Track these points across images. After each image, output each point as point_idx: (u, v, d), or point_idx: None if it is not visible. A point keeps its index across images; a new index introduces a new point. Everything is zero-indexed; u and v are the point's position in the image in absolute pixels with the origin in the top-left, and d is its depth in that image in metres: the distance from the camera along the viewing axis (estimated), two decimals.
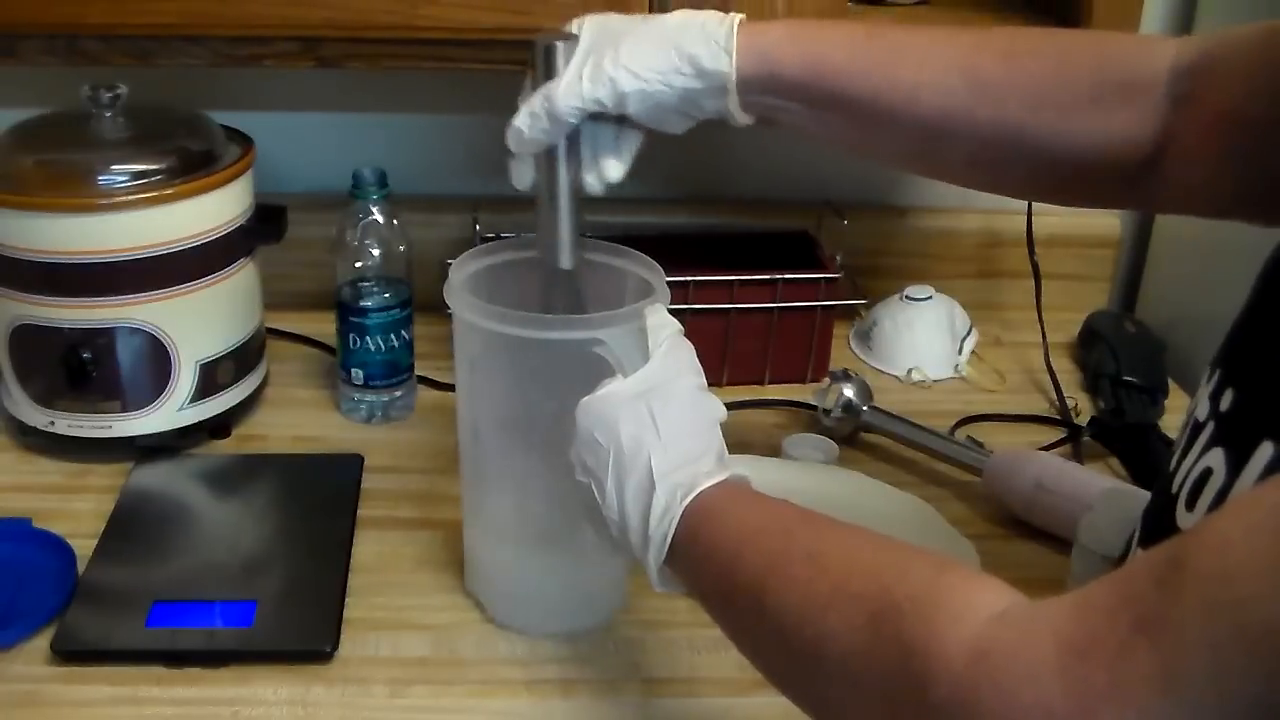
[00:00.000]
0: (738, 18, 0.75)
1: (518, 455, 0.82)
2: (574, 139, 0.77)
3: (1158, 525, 0.58)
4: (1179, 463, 0.57)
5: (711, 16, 0.75)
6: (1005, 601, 0.50)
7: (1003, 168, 0.76)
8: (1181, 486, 0.56)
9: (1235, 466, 0.52)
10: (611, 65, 0.74)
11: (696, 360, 0.72)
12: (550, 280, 0.80)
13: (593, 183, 0.79)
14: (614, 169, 0.78)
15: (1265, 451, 0.50)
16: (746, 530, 0.62)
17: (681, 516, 0.65)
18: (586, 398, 0.70)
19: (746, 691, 0.79)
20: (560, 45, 0.75)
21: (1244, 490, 0.46)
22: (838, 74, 0.74)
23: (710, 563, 0.63)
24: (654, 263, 0.83)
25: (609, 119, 0.77)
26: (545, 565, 0.84)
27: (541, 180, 0.79)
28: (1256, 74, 0.65)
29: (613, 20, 0.77)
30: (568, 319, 0.76)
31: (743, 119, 0.77)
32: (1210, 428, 0.55)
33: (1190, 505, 0.55)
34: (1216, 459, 0.54)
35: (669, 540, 0.65)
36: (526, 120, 0.75)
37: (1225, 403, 0.55)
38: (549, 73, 0.75)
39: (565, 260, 0.79)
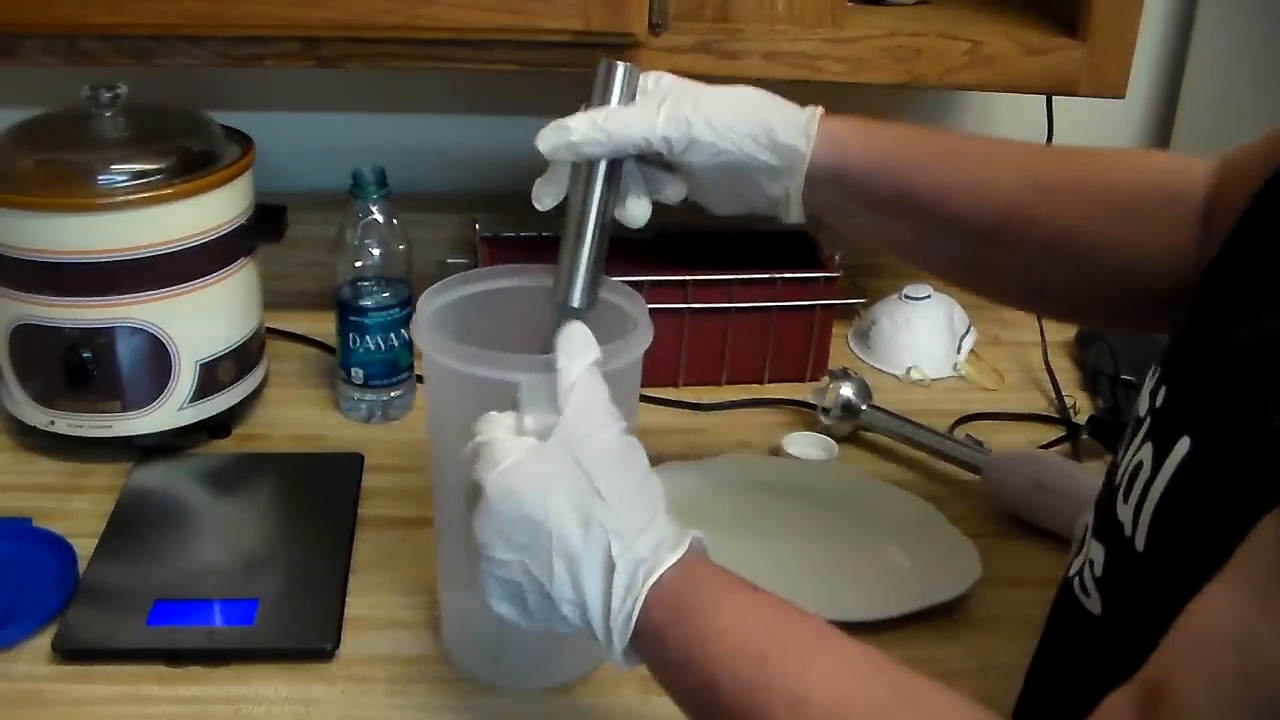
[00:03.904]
0: (819, 109, 0.75)
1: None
2: (615, 170, 0.74)
3: (1104, 516, 0.59)
4: (1121, 456, 0.59)
5: (792, 103, 0.76)
6: None
7: (1057, 279, 0.76)
8: (1120, 480, 0.57)
9: (1158, 460, 0.53)
10: (691, 111, 0.73)
11: (609, 398, 0.65)
12: (558, 318, 0.71)
13: (635, 212, 0.76)
14: (670, 197, 0.77)
15: (1182, 446, 0.52)
16: (720, 648, 0.58)
17: (645, 603, 0.60)
18: (498, 470, 0.62)
19: None
20: (625, 67, 0.73)
21: (1190, 636, 0.46)
22: (906, 167, 0.75)
23: (683, 676, 0.60)
24: (635, 293, 0.78)
25: (659, 163, 0.76)
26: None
27: (574, 204, 0.74)
28: (1260, 177, 0.64)
29: (690, 80, 0.76)
30: (487, 355, 0.70)
31: (796, 210, 0.76)
32: (1146, 423, 0.57)
33: (1125, 498, 0.56)
34: (1146, 453, 0.55)
35: (633, 623, 0.60)
36: (584, 127, 0.72)
37: (1159, 399, 0.56)
38: (605, 96, 0.74)
39: (577, 298, 0.72)
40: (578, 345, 0.66)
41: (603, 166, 0.73)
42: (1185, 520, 0.51)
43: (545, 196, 0.76)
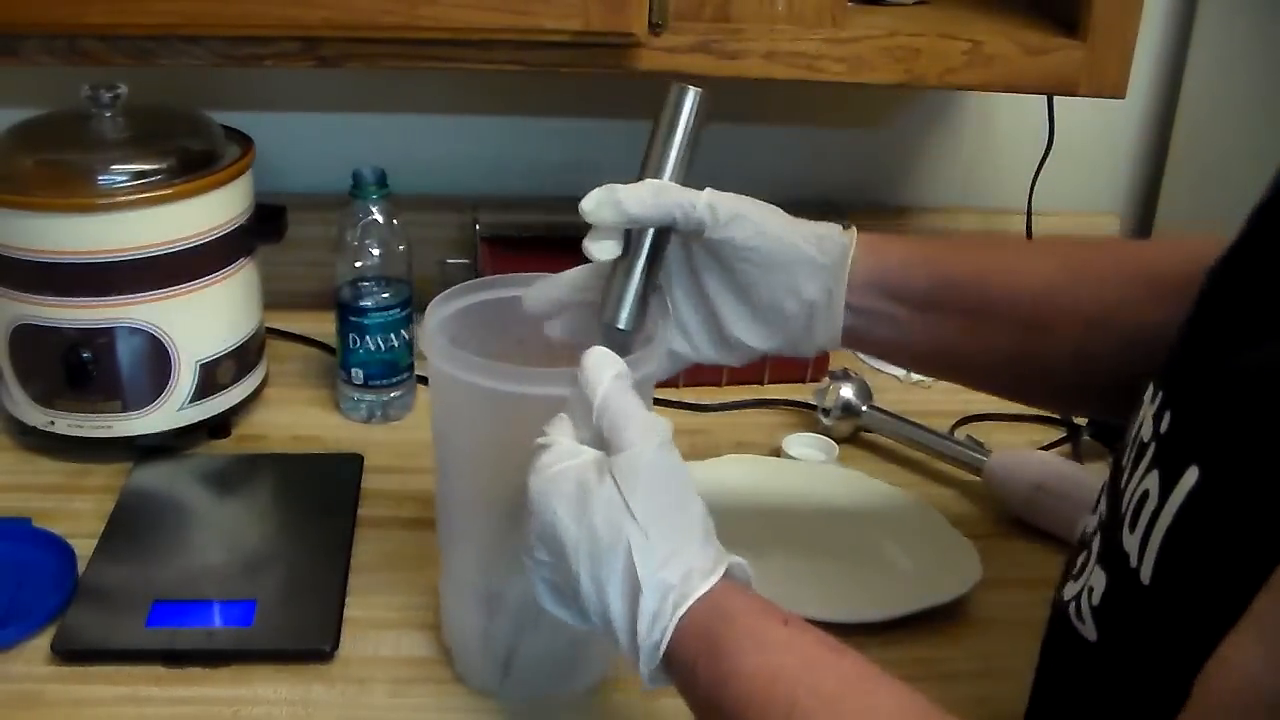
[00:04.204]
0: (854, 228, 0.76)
1: (482, 510, 0.76)
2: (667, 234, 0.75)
3: (1109, 544, 0.57)
4: (1126, 481, 0.57)
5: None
6: None
7: (1109, 363, 0.73)
8: (1127, 508, 0.55)
9: (1165, 490, 0.52)
10: (737, 196, 0.73)
11: (644, 411, 0.64)
12: (603, 336, 0.72)
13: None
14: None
15: (1190, 477, 0.50)
16: (750, 690, 0.57)
17: (675, 633, 0.59)
18: (542, 475, 0.63)
19: None
20: (696, 92, 0.73)
21: (1221, 694, 0.44)
22: (941, 259, 0.75)
23: (714, 713, 0.59)
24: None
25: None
26: (513, 629, 0.77)
27: (631, 239, 0.74)
28: None
29: None
30: (512, 370, 0.70)
31: (834, 317, 0.75)
32: (1152, 449, 0.55)
33: (1132, 528, 0.54)
34: (1153, 482, 0.53)
35: (662, 649, 0.60)
36: (630, 188, 0.72)
37: (1164, 424, 0.54)
38: (675, 120, 0.73)
39: (624, 320, 0.73)
40: (600, 361, 0.65)
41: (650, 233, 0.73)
42: (1194, 554, 0.49)
43: (599, 252, 0.73)
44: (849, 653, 0.58)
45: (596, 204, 0.72)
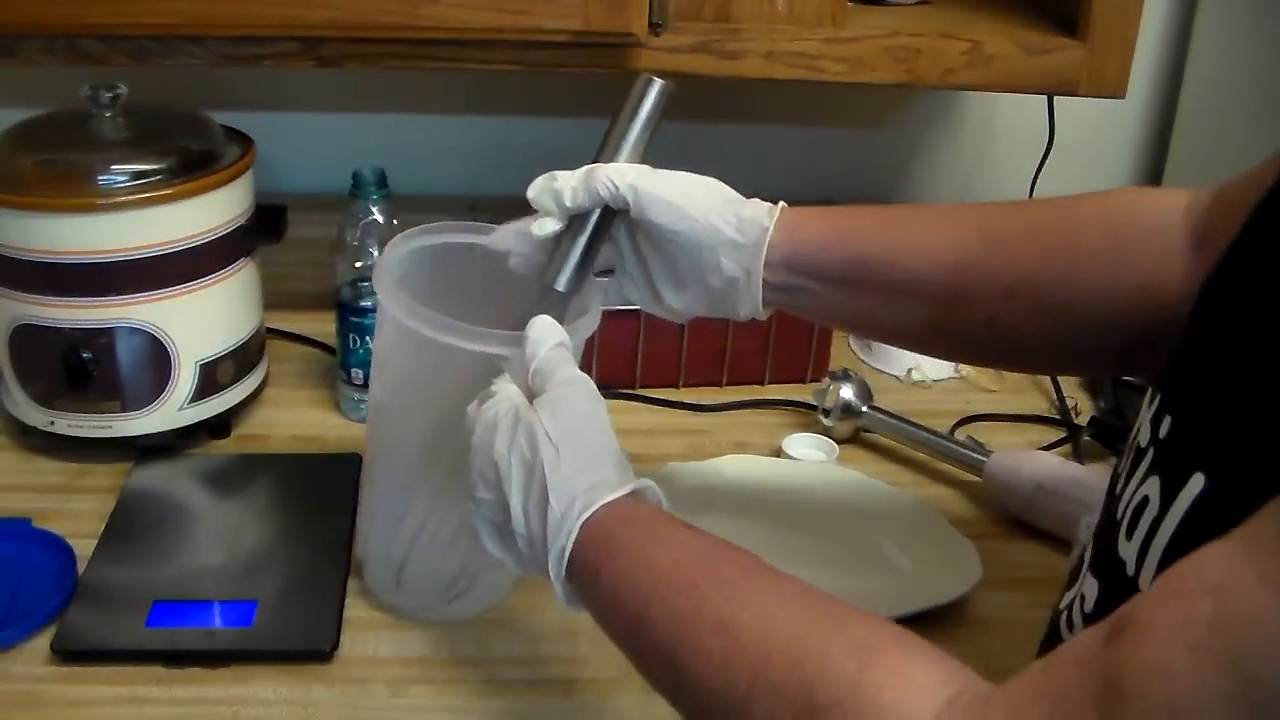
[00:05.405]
0: (781, 203, 0.78)
1: (406, 444, 0.83)
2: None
3: (1103, 551, 0.57)
4: (1123, 488, 0.56)
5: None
6: (932, 695, 0.49)
7: (1027, 329, 0.74)
8: (1123, 515, 0.55)
9: (1167, 497, 0.51)
10: (665, 175, 0.76)
11: (574, 368, 0.71)
12: (540, 295, 0.78)
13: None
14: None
15: (1196, 483, 0.49)
16: (651, 580, 0.60)
17: (580, 540, 0.63)
18: (483, 415, 0.69)
19: None
20: (662, 85, 0.76)
21: (1169, 579, 0.44)
22: (854, 236, 0.76)
23: (616, 612, 0.62)
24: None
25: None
26: (408, 545, 0.84)
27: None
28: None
29: None
30: (471, 329, 0.74)
31: (755, 293, 0.77)
32: (1150, 455, 0.54)
33: (1129, 535, 0.54)
34: (1153, 488, 0.53)
35: (566, 555, 0.63)
36: (566, 175, 0.76)
37: (1163, 430, 0.54)
38: (637, 110, 0.77)
39: (563, 283, 0.77)
40: (544, 330, 0.71)
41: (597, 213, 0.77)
42: None
43: (539, 229, 0.78)
44: (749, 551, 0.61)
45: (538, 193, 0.77)
